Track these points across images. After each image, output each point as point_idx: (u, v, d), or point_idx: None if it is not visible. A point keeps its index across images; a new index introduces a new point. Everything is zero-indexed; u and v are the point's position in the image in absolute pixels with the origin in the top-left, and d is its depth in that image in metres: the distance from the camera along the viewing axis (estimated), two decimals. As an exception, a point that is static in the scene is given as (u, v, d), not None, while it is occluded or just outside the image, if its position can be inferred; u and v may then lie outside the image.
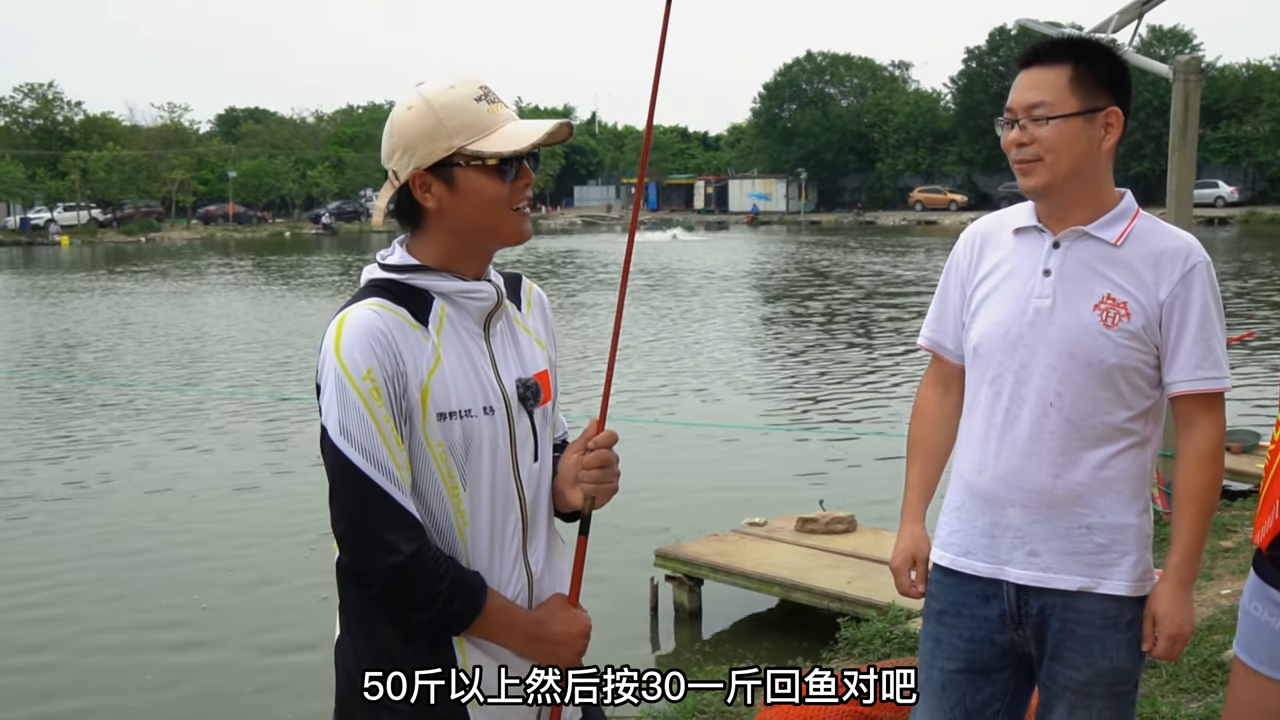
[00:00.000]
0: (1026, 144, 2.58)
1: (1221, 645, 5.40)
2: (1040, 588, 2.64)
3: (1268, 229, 53.32)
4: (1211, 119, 58.27)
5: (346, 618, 2.16)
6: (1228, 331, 2.86)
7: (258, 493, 10.95)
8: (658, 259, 41.32)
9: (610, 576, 7.96)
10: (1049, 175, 2.58)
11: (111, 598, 8.29)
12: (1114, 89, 2.60)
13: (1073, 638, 2.64)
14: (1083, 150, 2.57)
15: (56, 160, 70.40)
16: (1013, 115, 2.61)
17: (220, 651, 7.31)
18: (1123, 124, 2.62)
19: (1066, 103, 2.55)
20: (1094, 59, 2.60)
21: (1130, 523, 2.64)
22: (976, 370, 2.73)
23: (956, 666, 2.76)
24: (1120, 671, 2.65)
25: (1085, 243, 2.63)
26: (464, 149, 2.05)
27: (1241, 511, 8.65)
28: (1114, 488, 2.62)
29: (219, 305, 28.62)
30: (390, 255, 2.15)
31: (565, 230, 71.76)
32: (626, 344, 19.52)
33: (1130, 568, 2.63)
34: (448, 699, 2.08)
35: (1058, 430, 2.60)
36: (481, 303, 2.13)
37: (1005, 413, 2.65)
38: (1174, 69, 8.12)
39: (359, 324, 2.01)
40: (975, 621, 2.73)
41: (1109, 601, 2.62)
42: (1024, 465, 2.63)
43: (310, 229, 71.34)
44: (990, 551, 2.69)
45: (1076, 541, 2.62)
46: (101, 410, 14.99)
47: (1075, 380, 2.58)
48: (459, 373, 2.08)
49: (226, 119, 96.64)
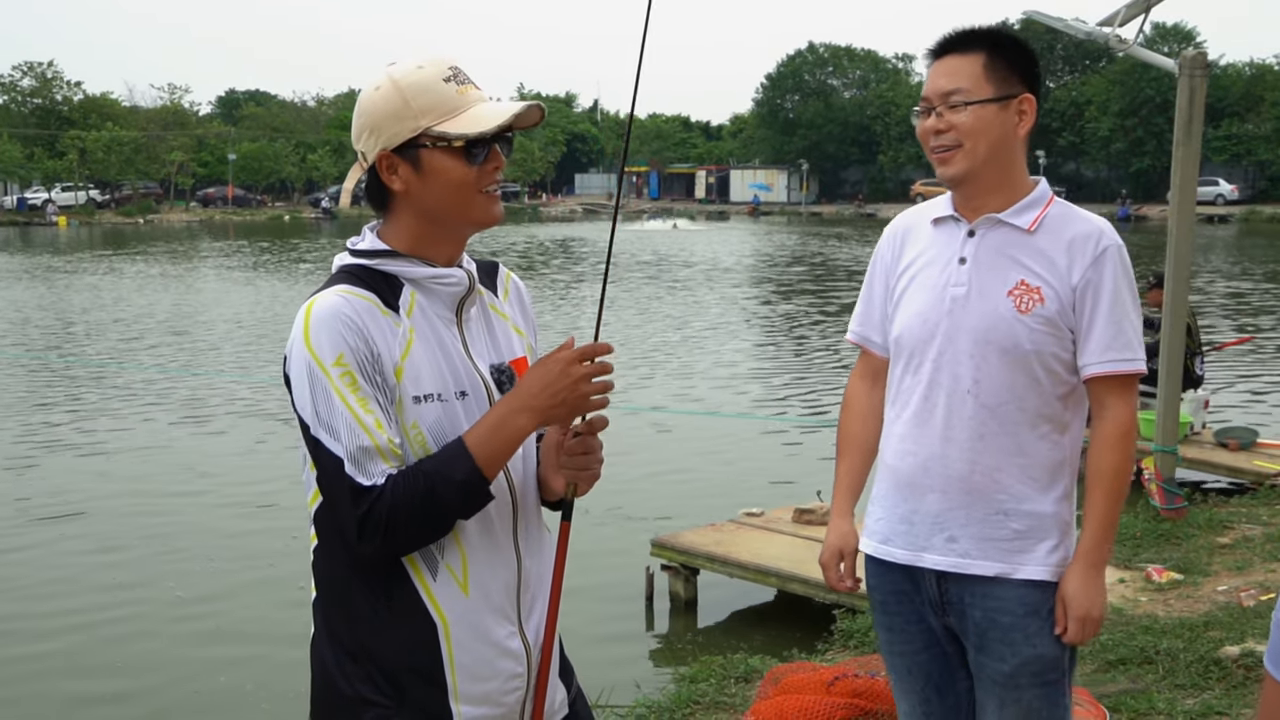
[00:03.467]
0: (944, 130, 2.60)
1: (1218, 642, 5.39)
2: (959, 574, 2.66)
3: (1267, 227, 53.33)
4: (1214, 117, 58.18)
5: (322, 612, 2.11)
6: (1223, 336, 2.86)
7: (230, 479, 10.91)
8: (658, 248, 41.28)
9: (606, 565, 7.94)
10: (967, 162, 2.60)
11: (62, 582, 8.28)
12: (1026, 77, 2.63)
13: (995, 627, 2.64)
14: (999, 136, 2.60)
15: (55, 140, 70.22)
16: (929, 103, 2.64)
17: (199, 645, 7.27)
18: (1035, 112, 2.65)
19: (982, 89, 2.58)
20: (1006, 47, 2.63)
21: (1047, 509, 2.64)
22: (899, 360, 2.76)
23: (915, 648, 2.80)
24: (1046, 659, 2.64)
25: (999, 230, 2.65)
26: (430, 130, 2.01)
27: (1239, 509, 8.64)
28: (1031, 474, 2.63)
29: (216, 290, 28.57)
30: (360, 241, 2.12)
31: (566, 218, 71.69)
32: (621, 331, 19.51)
33: (1047, 553, 2.63)
34: (429, 689, 2.04)
35: (975, 417, 2.62)
36: (452, 288, 2.09)
37: (924, 400, 2.68)
38: (1180, 64, 8.09)
39: (327, 310, 1.97)
40: (913, 605, 2.77)
41: (1027, 588, 2.62)
42: (942, 452, 2.65)
43: (309, 213, 71.26)
44: (909, 539, 2.71)
45: (993, 528, 2.63)
46: (86, 391, 14.98)
47: (992, 367, 2.60)
48: (429, 357, 2.04)
49: (227, 101, 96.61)
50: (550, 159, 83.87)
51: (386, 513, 1.93)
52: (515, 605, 2.13)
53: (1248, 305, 23.75)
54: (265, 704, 6.34)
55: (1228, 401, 13.34)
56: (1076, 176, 74.04)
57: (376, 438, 1.95)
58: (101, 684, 6.68)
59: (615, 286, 27.47)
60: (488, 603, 2.08)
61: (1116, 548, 7.74)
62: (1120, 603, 6.39)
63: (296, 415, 2.00)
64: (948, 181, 2.67)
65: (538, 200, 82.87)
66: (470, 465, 1.97)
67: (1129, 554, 7.52)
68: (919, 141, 2.71)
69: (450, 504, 1.98)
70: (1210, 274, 29.96)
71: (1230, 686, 4.96)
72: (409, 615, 2.03)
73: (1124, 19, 8.53)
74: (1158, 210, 55.34)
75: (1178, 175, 8.17)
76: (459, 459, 1.98)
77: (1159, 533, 7.96)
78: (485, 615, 2.08)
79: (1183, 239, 8.25)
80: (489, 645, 2.08)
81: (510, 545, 2.13)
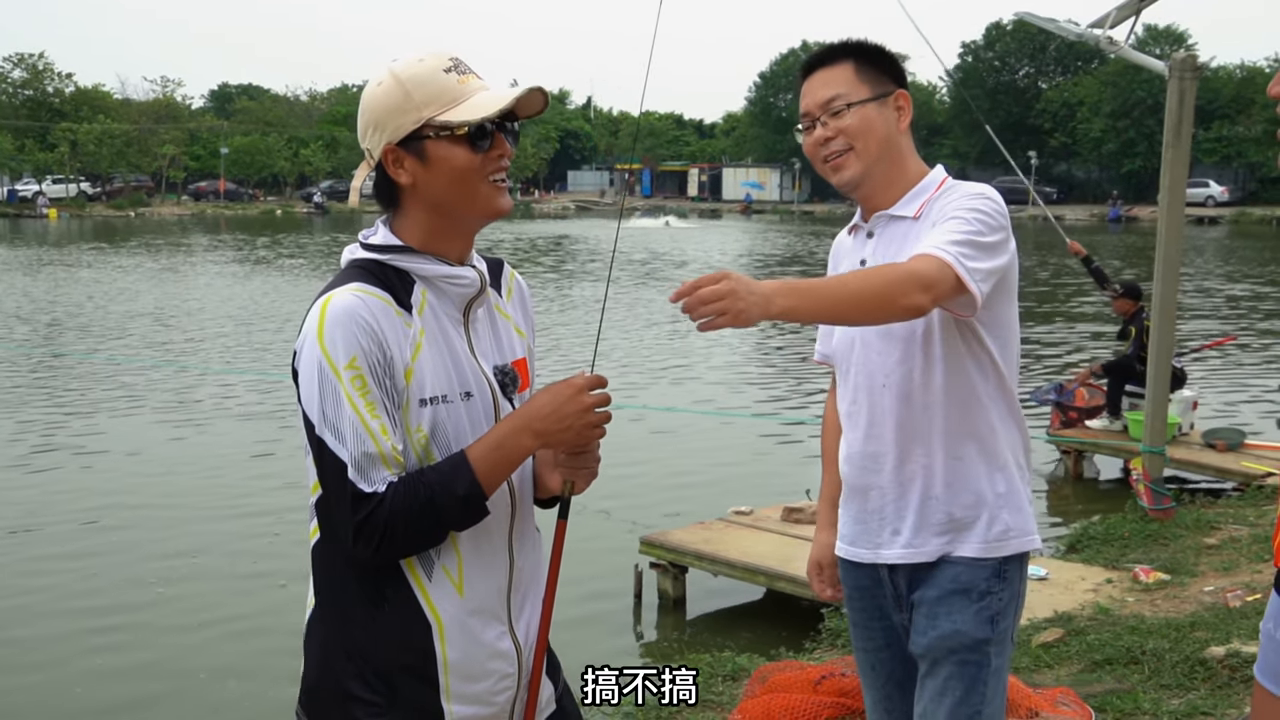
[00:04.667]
0: (833, 137, 2.65)
1: (1204, 642, 5.41)
2: (906, 564, 2.70)
3: (1257, 229, 53.48)
4: (1204, 119, 58.30)
5: (319, 606, 2.11)
6: (1204, 338, 2.85)
7: (214, 470, 10.90)
8: (651, 246, 41.25)
9: (595, 562, 7.95)
10: (860, 162, 2.65)
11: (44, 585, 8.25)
12: (895, 77, 2.70)
13: (923, 603, 2.68)
14: (883, 132, 2.65)
15: (46, 132, 69.95)
16: (811, 117, 2.69)
17: (179, 636, 7.25)
18: (910, 107, 2.71)
19: (859, 91, 2.64)
20: (870, 54, 2.69)
21: (982, 488, 2.65)
22: (838, 371, 2.86)
23: (877, 645, 2.86)
24: (964, 636, 2.63)
25: (892, 225, 2.70)
26: (433, 120, 2.02)
27: (1225, 510, 8.67)
28: (957, 455, 2.65)
29: (206, 283, 28.50)
30: (373, 235, 2.11)
31: (559, 215, 71.62)
32: (612, 329, 19.51)
33: (984, 529, 2.65)
34: (421, 689, 2.05)
35: (893, 409, 2.66)
36: (464, 289, 2.10)
37: (853, 402, 2.76)
38: (1170, 66, 8.11)
39: (342, 309, 1.96)
40: (876, 602, 2.82)
41: (962, 565, 2.65)
42: (875, 449, 2.71)
43: (302, 208, 71.06)
44: (864, 537, 2.77)
45: (930, 514, 2.66)
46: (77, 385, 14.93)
47: (897, 358, 2.64)
48: (437, 358, 2.04)
49: (220, 95, 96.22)
50: (543, 155, 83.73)
51: (385, 519, 1.94)
52: (506, 606, 2.14)
53: (1236, 308, 23.81)
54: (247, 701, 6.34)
55: (1214, 403, 13.39)
56: (1068, 177, 74.17)
57: (381, 444, 1.95)
58: (91, 692, 6.67)
59: (616, 285, 27.46)
60: (481, 604, 2.09)
61: (1104, 548, 7.78)
62: (1107, 602, 6.41)
63: (302, 411, 2.00)
64: (844, 188, 2.72)
65: (530, 197, 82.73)
66: (471, 479, 1.98)
67: (1116, 554, 7.55)
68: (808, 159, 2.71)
69: (449, 516, 1.98)
70: (1207, 275, 30.03)
71: (1215, 687, 4.98)
72: (404, 615, 2.04)
73: (1115, 21, 8.55)
74: (1148, 211, 55.43)
75: (1167, 177, 8.19)
76: (461, 472, 1.98)
77: (1146, 533, 7.98)
78: (478, 616, 2.09)
79: (1172, 240, 8.27)
80: (481, 646, 2.09)
81: (505, 547, 2.13)
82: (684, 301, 2.13)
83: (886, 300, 2.34)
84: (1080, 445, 10.83)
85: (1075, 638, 5.77)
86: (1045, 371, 15.50)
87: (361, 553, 1.96)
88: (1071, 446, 10.90)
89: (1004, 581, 2.66)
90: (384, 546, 1.95)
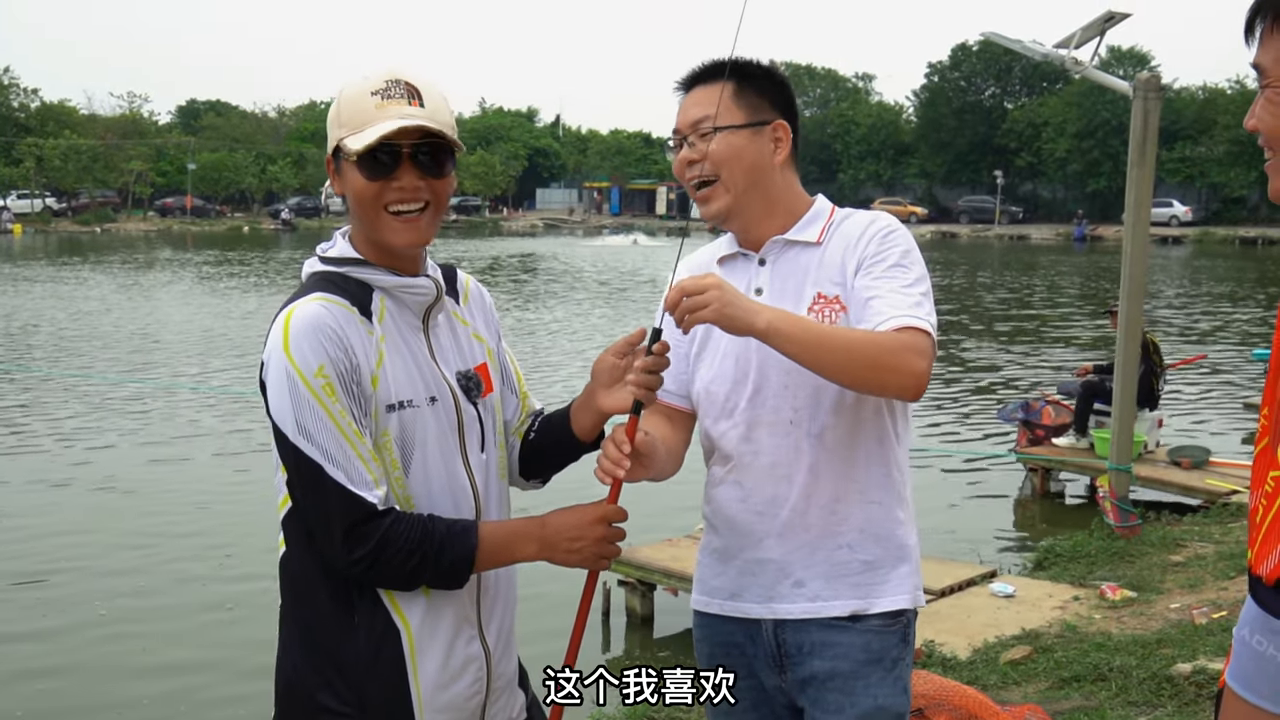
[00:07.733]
0: (697, 160, 2.48)
1: (1171, 659, 5.43)
2: (803, 620, 2.47)
3: (1220, 249, 54.08)
4: (1167, 140, 58.90)
5: (288, 620, 2.10)
6: (1176, 356, 2.80)
7: (163, 493, 10.79)
8: (619, 265, 41.28)
9: (561, 579, 7.83)
10: (729, 196, 2.49)
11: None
12: (777, 105, 2.53)
13: (836, 676, 2.45)
14: (753, 163, 2.48)
15: (11, 147, 69.31)
16: (680, 135, 2.52)
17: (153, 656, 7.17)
18: (792, 139, 2.54)
19: (732, 115, 2.47)
20: (754, 76, 2.52)
21: (895, 532, 2.49)
22: (711, 410, 2.56)
23: (742, 708, 2.58)
24: (886, 712, 2.45)
25: (791, 250, 2.52)
26: (341, 141, 2.04)
27: (1191, 527, 8.72)
28: (870, 497, 2.46)
29: (172, 299, 28.27)
30: (330, 248, 2.13)
31: (527, 233, 71.54)
32: (579, 345, 19.47)
33: (903, 579, 2.49)
34: (392, 696, 2.04)
35: (800, 448, 2.44)
36: (420, 297, 2.12)
37: (745, 441, 2.50)
38: (1134, 86, 8.19)
39: (308, 319, 1.96)
40: (745, 661, 2.58)
41: (872, 633, 2.45)
42: (774, 493, 2.47)
43: (269, 224, 70.68)
44: (754, 590, 2.52)
45: (841, 563, 2.46)
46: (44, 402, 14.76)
47: (808, 392, 2.43)
48: (400, 365, 2.06)
49: (187, 111, 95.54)
50: (512, 173, 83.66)
51: (382, 535, 1.95)
52: (476, 609, 2.15)
53: (1194, 329, 24.03)
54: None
55: (1181, 422, 13.48)
56: (1033, 196, 74.77)
57: (359, 448, 1.96)
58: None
59: (576, 306, 27.48)
60: (451, 608, 2.09)
61: (1070, 565, 7.80)
62: (1074, 620, 6.43)
63: (272, 423, 1.99)
64: (713, 220, 2.54)
65: (499, 214, 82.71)
66: (472, 550, 2.02)
67: (1083, 571, 7.57)
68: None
69: (436, 567, 2.00)
70: (1174, 293, 30.32)
71: (1182, 704, 4.99)
72: (373, 622, 2.04)
73: (1080, 41, 8.63)
74: (1113, 231, 55.97)
75: (1132, 196, 8.26)
76: (468, 537, 2.03)
77: (1113, 550, 8.01)
78: (448, 621, 2.09)
79: (1137, 260, 8.34)
80: (452, 651, 2.10)
81: None
82: (669, 297, 2.16)
83: (883, 367, 2.22)
84: (1047, 463, 10.89)
85: (1043, 655, 5.77)
86: (1010, 394, 15.54)
87: (345, 556, 1.95)
88: (1038, 464, 10.95)
89: (907, 645, 2.51)
90: (376, 562, 1.96)
